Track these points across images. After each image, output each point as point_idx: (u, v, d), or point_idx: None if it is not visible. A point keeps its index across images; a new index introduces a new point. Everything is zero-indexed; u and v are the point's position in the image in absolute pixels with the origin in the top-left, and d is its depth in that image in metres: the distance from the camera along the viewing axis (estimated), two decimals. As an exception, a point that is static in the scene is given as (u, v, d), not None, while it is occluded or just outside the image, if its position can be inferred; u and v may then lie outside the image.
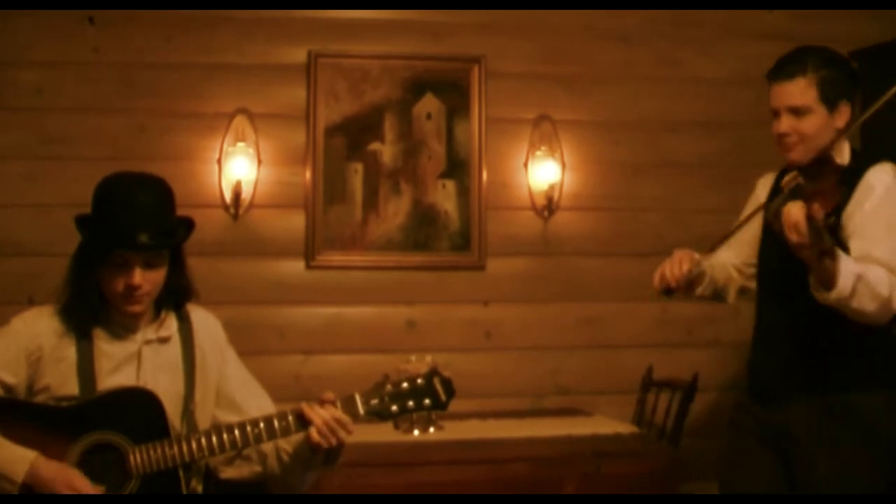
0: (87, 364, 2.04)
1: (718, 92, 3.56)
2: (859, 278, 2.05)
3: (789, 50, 3.20)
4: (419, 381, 2.08)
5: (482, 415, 3.23)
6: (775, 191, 2.38)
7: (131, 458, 1.96)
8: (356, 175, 3.34)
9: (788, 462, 2.30)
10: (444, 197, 3.38)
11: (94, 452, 1.95)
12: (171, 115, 3.27)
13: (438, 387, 2.08)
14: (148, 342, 2.11)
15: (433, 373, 2.10)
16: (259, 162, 3.29)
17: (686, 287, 2.40)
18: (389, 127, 3.36)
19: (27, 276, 3.09)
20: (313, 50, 3.33)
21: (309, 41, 3.34)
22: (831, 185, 2.15)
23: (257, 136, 3.29)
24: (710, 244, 2.30)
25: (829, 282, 2.04)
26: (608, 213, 3.52)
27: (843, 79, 2.30)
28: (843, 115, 2.29)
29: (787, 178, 2.21)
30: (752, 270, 2.50)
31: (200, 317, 2.24)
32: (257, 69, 3.32)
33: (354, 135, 3.34)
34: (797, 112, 2.27)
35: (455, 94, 3.40)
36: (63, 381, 2.02)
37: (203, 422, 2.14)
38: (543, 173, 3.41)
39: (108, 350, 2.07)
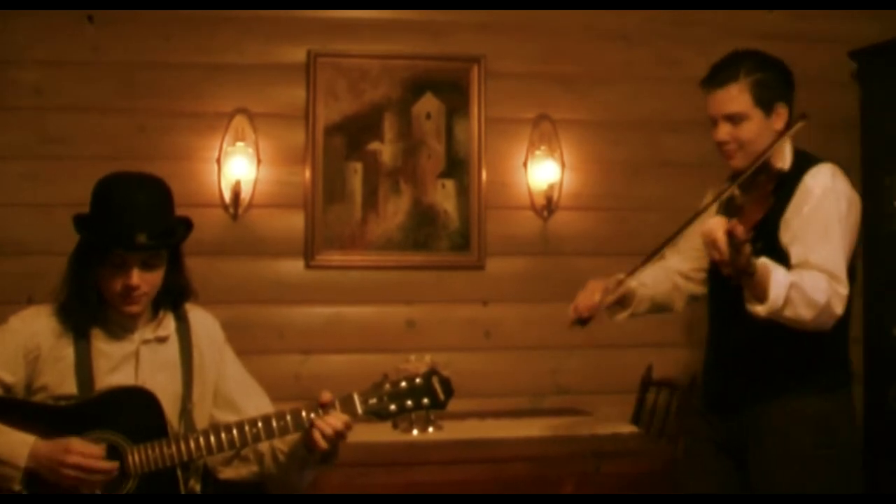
0: (85, 363, 2.04)
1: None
2: (792, 287, 2.04)
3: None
4: (418, 380, 2.07)
5: (481, 414, 3.23)
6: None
7: (129, 457, 1.95)
8: (356, 175, 3.34)
9: (745, 470, 2.30)
10: (444, 196, 3.38)
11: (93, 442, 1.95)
12: (171, 114, 3.27)
13: (437, 386, 2.08)
14: (146, 342, 2.11)
15: (432, 372, 2.10)
16: (258, 161, 3.28)
17: (613, 311, 2.44)
18: (389, 126, 3.36)
19: (27, 275, 3.08)
20: (313, 49, 3.32)
21: (308, 41, 3.34)
22: (766, 192, 2.17)
23: (257, 136, 3.29)
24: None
25: (761, 295, 2.03)
26: (608, 213, 3.52)
27: (777, 81, 2.32)
28: (780, 118, 2.29)
29: (722, 190, 2.25)
30: (703, 275, 2.48)
31: (199, 316, 2.24)
32: (257, 69, 3.32)
33: (354, 134, 3.34)
34: (733, 119, 2.27)
35: (455, 94, 3.39)
36: (61, 381, 2.02)
37: (201, 421, 2.14)
38: (543, 173, 3.41)
39: (106, 349, 2.07)
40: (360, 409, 2.03)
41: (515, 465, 2.81)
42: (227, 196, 3.26)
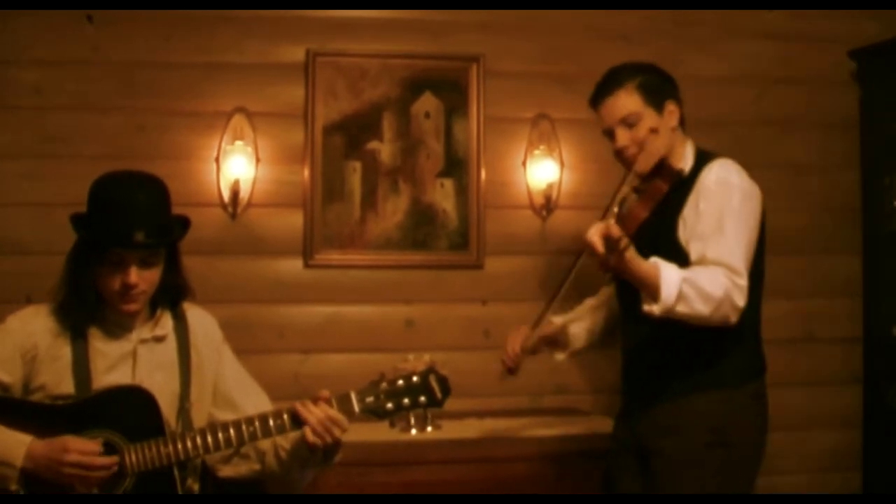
0: (82, 363, 2.05)
1: (717, 91, 3.55)
2: (685, 282, 2.06)
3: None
4: (415, 378, 2.08)
5: (480, 414, 3.22)
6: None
7: (126, 456, 1.96)
8: (354, 174, 3.34)
9: (649, 472, 2.33)
10: (443, 196, 3.38)
11: (90, 439, 1.95)
12: (170, 113, 3.26)
13: (434, 384, 2.08)
14: (143, 341, 2.12)
15: (429, 370, 2.11)
16: (257, 161, 3.28)
17: (551, 352, 2.57)
18: (388, 126, 3.36)
19: (25, 274, 3.08)
20: (312, 49, 3.32)
21: (307, 40, 3.33)
22: (657, 193, 2.21)
23: (256, 135, 3.29)
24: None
25: (655, 294, 2.06)
26: (607, 213, 3.51)
27: (659, 81, 2.38)
28: (672, 115, 2.34)
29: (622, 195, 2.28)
30: None
31: (196, 315, 2.25)
32: (256, 68, 3.31)
33: (353, 133, 3.33)
34: (628, 121, 2.31)
35: (454, 93, 3.39)
36: (58, 380, 2.03)
37: (199, 420, 2.14)
38: (542, 172, 3.40)
39: (103, 349, 2.07)
40: (357, 408, 2.03)
41: (514, 465, 2.81)
42: (226, 195, 3.25)
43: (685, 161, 2.34)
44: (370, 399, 2.05)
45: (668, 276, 2.07)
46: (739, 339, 2.28)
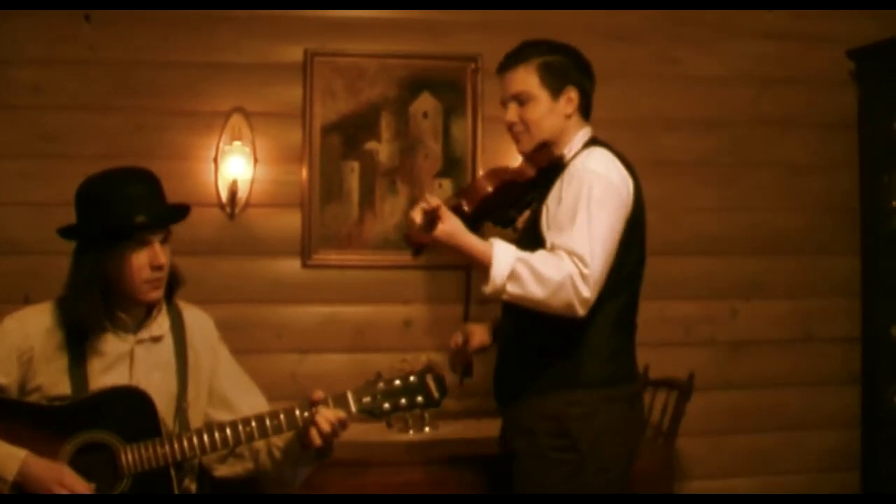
0: (79, 364, 2.05)
1: (716, 91, 3.55)
2: (519, 261, 2.02)
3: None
4: (412, 378, 2.07)
5: (478, 414, 3.23)
6: None
7: (123, 457, 1.96)
8: (352, 174, 3.33)
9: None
10: (441, 196, 3.36)
11: (86, 452, 1.96)
12: (168, 113, 3.26)
13: (431, 384, 2.08)
14: (140, 341, 2.11)
15: (426, 370, 2.10)
16: (255, 161, 3.28)
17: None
18: (386, 126, 3.35)
19: (23, 274, 3.09)
20: (310, 49, 3.32)
21: (305, 40, 3.33)
22: (513, 175, 2.23)
23: (254, 135, 3.29)
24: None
25: (486, 273, 2.04)
26: (605, 213, 3.51)
27: (567, 66, 2.29)
28: (571, 102, 2.28)
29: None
30: None
31: (193, 315, 2.25)
32: (254, 68, 3.31)
33: (351, 133, 3.33)
34: (519, 99, 2.27)
35: (452, 93, 3.39)
36: (55, 381, 2.03)
37: (196, 420, 2.14)
38: (540, 172, 3.40)
39: (100, 349, 2.07)
40: (353, 408, 2.03)
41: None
42: (224, 195, 3.25)
43: (570, 149, 2.28)
44: (367, 399, 2.04)
45: (501, 254, 2.02)
46: (598, 338, 2.20)
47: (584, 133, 2.33)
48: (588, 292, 2.04)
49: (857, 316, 3.56)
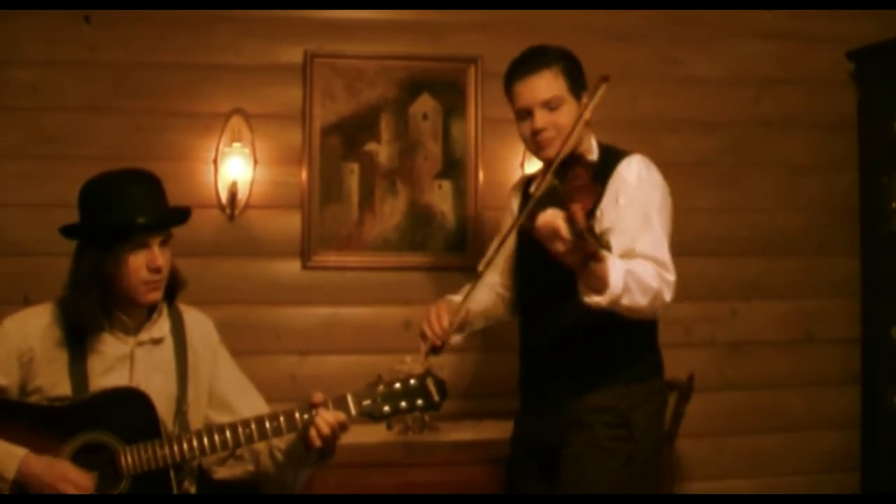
0: (79, 365, 2.05)
1: (716, 91, 3.55)
2: (628, 274, 2.02)
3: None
4: (412, 381, 2.08)
5: (478, 415, 3.23)
6: (526, 198, 2.36)
7: (122, 458, 1.96)
8: (352, 175, 3.33)
9: (554, 473, 2.30)
10: (441, 197, 3.37)
11: (86, 452, 1.96)
12: (168, 114, 3.25)
13: (432, 387, 2.08)
14: (141, 343, 2.12)
15: (427, 373, 2.10)
16: (255, 162, 3.28)
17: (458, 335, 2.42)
18: (386, 127, 3.35)
19: (23, 275, 3.09)
20: (309, 50, 3.32)
21: (305, 41, 3.32)
22: (586, 182, 2.12)
23: (253, 136, 3.28)
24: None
25: (600, 284, 2.00)
26: (605, 214, 3.50)
27: (580, 71, 2.30)
28: (587, 108, 2.23)
29: (536, 183, 2.21)
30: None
31: (193, 317, 2.25)
32: (253, 69, 3.31)
33: (351, 135, 3.33)
34: (550, 104, 2.23)
35: (451, 94, 3.38)
36: (55, 382, 2.03)
37: (196, 422, 2.15)
38: (540, 173, 3.40)
39: (100, 351, 2.07)
40: (353, 410, 2.03)
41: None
42: (224, 197, 3.25)
43: (593, 152, 2.32)
44: (367, 402, 2.04)
45: (615, 266, 2.01)
46: (642, 335, 2.31)
47: (593, 137, 2.36)
48: (671, 297, 2.12)
49: (856, 317, 3.56)
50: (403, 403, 2.06)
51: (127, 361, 2.09)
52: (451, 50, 3.40)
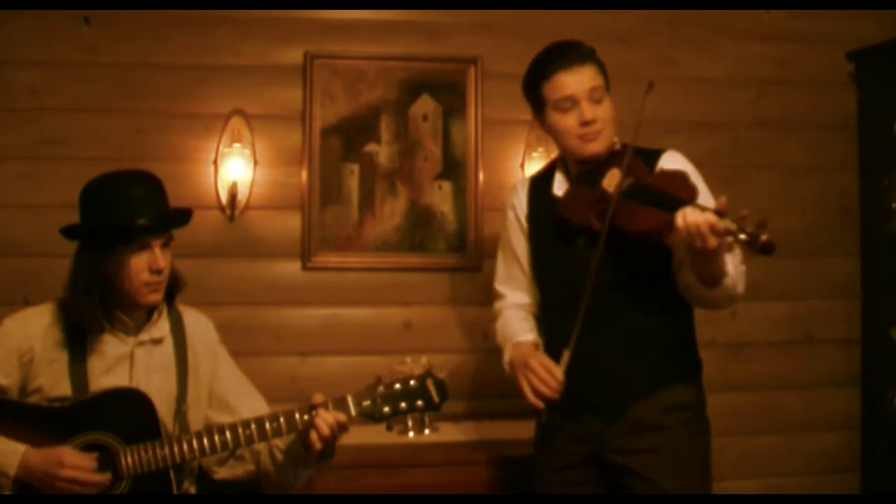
0: (79, 365, 2.05)
1: (715, 92, 3.54)
2: (733, 265, 2.04)
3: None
4: (412, 382, 2.07)
5: (478, 416, 3.23)
6: (543, 201, 2.32)
7: (122, 458, 1.96)
8: (352, 176, 3.33)
9: (618, 477, 2.22)
10: (441, 198, 3.37)
11: (86, 453, 1.95)
12: (167, 115, 3.25)
13: (432, 388, 2.08)
14: (141, 343, 2.12)
15: (427, 374, 2.10)
16: (255, 163, 3.27)
17: None
18: (385, 128, 3.35)
19: (22, 276, 3.08)
20: (309, 51, 3.31)
21: (305, 42, 3.32)
22: (673, 174, 2.13)
23: (253, 137, 3.28)
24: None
25: (720, 274, 2.00)
26: (605, 214, 3.50)
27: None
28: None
29: (608, 179, 2.16)
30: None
31: (193, 318, 2.25)
32: (253, 70, 3.31)
33: (350, 136, 3.33)
34: (596, 96, 2.21)
35: (451, 95, 3.38)
36: (56, 382, 2.03)
37: (196, 423, 2.15)
38: (540, 174, 3.40)
39: (100, 351, 2.07)
40: (353, 411, 2.03)
41: (512, 468, 2.80)
42: (224, 197, 3.25)
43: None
44: (367, 403, 2.04)
45: (729, 258, 2.02)
46: (692, 329, 2.32)
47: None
48: (743, 287, 2.14)
49: (856, 318, 3.56)
50: (403, 404, 2.05)
51: (127, 362, 2.09)
52: (450, 50, 3.40)
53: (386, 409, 2.04)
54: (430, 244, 3.35)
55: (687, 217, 1.90)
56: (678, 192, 2.02)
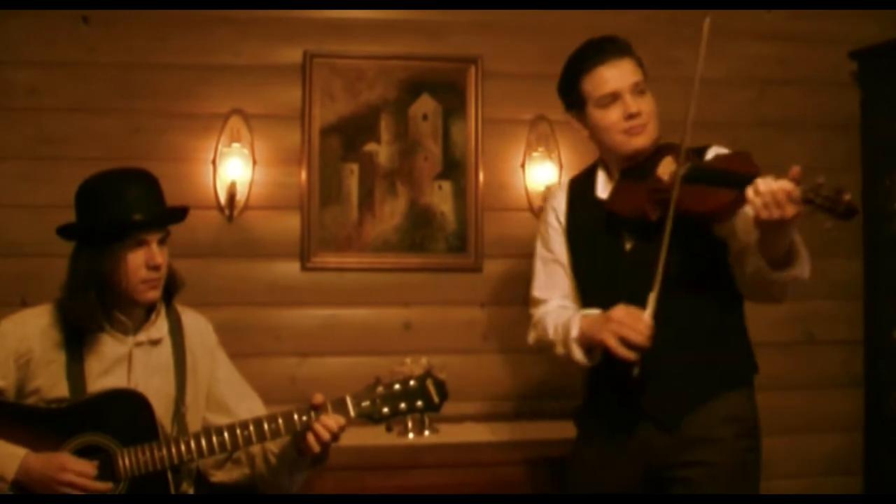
0: (77, 366, 2.05)
1: (717, 92, 3.53)
2: (802, 244, 1.97)
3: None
4: (412, 382, 2.06)
5: (478, 418, 3.22)
6: (584, 201, 2.27)
7: (120, 460, 1.95)
8: (352, 176, 3.32)
9: (668, 488, 2.11)
10: (441, 198, 3.36)
11: (83, 454, 1.95)
12: (166, 115, 3.24)
13: (431, 389, 2.07)
14: (139, 344, 2.11)
15: (426, 375, 2.09)
16: (254, 163, 3.26)
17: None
18: (385, 127, 3.34)
19: (20, 276, 3.08)
20: (309, 50, 3.30)
21: (304, 41, 3.31)
22: (732, 154, 2.12)
23: (252, 137, 3.27)
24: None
25: (792, 256, 1.94)
26: (606, 215, 3.49)
27: None
28: None
29: (663, 168, 2.12)
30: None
31: (191, 319, 2.24)
32: (252, 69, 3.30)
33: (350, 135, 3.31)
34: (639, 90, 2.17)
35: (451, 95, 3.37)
36: (53, 384, 2.03)
37: (194, 424, 2.14)
38: (540, 174, 3.38)
39: (98, 352, 2.07)
40: (352, 412, 2.02)
41: (512, 470, 2.79)
42: (223, 197, 3.23)
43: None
44: (366, 403, 2.03)
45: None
46: (746, 329, 2.21)
47: None
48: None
49: (859, 319, 3.54)
50: (403, 405, 2.04)
51: (125, 362, 2.09)
52: (451, 50, 3.39)
53: (385, 409, 2.03)
54: (430, 244, 3.34)
55: (760, 187, 1.82)
56: (743, 168, 1.96)
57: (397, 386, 2.05)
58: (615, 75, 2.16)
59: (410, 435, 2.96)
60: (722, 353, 2.14)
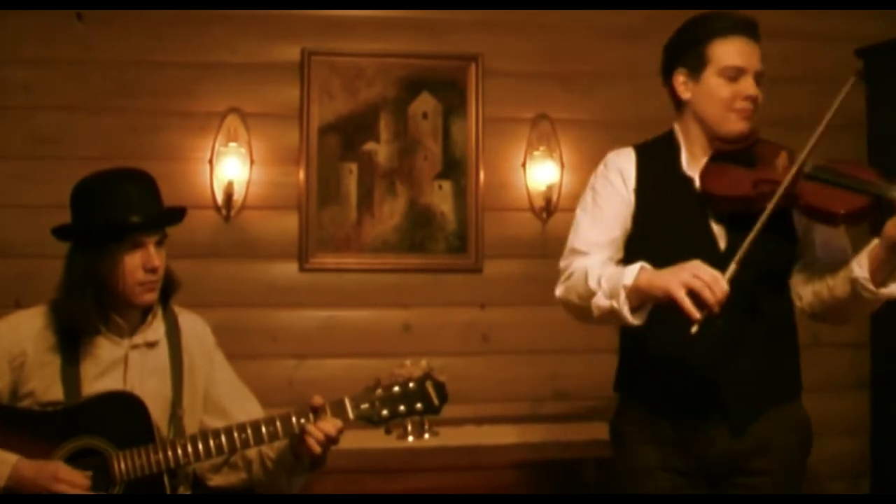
0: (72, 369, 2.02)
1: (720, 91, 3.51)
2: None
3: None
4: (411, 385, 2.05)
5: (478, 420, 3.20)
6: (666, 175, 2.16)
7: (115, 463, 1.94)
8: (350, 175, 3.29)
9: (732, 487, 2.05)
10: (441, 198, 3.34)
11: (78, 458, 1.93)
12: (163, 114, 3.23)
13: (431, 391, 2.05)
14: (135, 346, 2.10)
15: (426, 377, 2.07)
16: (251, 162, 3.25)
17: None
18: (385, 126, 3.31)
19: (15, 277, 3.06)
20: (307, 48, 3.29)
21: (302, 39, 3.29)
22: (853, 159, 2.10)
23: (250, 136, 3.25)
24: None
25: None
26: (608, 215, 3.47)
27: None
28: None
29: (781, 160, 2.10)
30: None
31: (188, 320, 2.23)
32: (250, 68, 3.28)
33: (349, 134, 3.29)
34: (759, 77, 2.09)
35: (451, 93, 3.35)
36: (48, 386, 2.00)
37: (191, 427, 2.13)
38: (542, 174, 3.36)
39: (94, 354, 2.05)
40: (351, 415, 2.00)
41: (512, 472, 2.79)
42: (220, 197, 3.22)
43: None
44: (365, 406, 2.01)
45: None
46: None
47: None
48: None
49: (865, 320, 3.51)
50: (402, 407, 2.02)
51: (121, 365, 2.07)
52: (451, 48, 3.38)
53: (384, 412, 2.01)
54: (429, 245, 3.32)
55: None
56: (874, 178, 1.95)
57: (396, 388, 2.03)
58: (750, 52, 2.07)
59: (410, 438, 2.92)
60: (792, 359, 2.12)
